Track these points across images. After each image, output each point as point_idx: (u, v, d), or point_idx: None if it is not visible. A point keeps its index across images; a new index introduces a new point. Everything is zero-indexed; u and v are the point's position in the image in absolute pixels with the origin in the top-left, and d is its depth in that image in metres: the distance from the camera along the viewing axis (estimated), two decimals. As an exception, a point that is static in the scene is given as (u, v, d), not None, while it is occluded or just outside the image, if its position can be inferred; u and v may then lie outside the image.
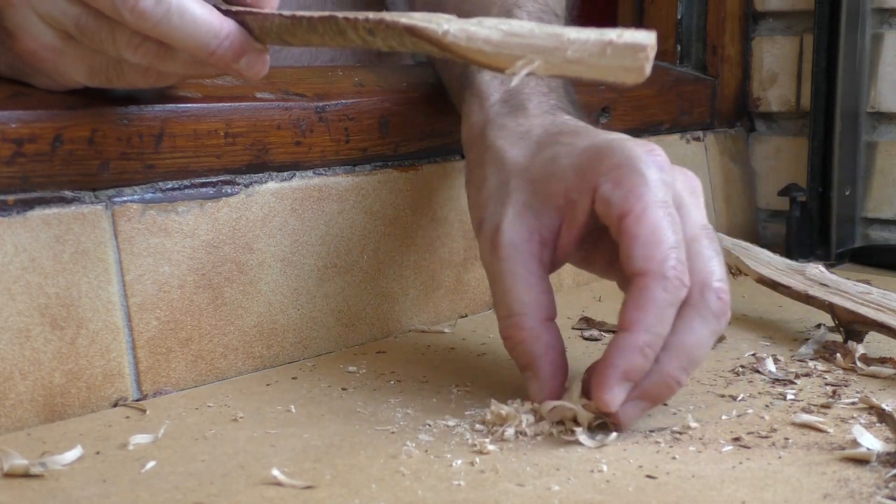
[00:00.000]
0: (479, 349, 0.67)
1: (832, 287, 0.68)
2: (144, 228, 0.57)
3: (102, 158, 0.55)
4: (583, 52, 0.44)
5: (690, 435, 0.52)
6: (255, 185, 0.63)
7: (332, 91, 0.67)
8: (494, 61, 0.45)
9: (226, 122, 0.60)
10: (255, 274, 0.62)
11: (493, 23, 0.45)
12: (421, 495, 0.44)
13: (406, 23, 0.46)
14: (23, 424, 0.52)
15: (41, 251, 0.53)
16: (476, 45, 0.45)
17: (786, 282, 0.71)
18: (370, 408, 0.56)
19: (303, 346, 0.65)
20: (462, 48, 0.45)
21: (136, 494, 0.44)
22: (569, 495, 0.45)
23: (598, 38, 0.44)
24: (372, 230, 0.69)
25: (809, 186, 0.99)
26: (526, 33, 0.45)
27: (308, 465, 0.48)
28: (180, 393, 0.58)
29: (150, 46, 0.50)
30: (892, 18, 0.99)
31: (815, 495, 0.45)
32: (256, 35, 0.51)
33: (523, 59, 0.44)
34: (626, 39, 0.44)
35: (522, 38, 0.44)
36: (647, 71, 0.44)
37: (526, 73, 0.44)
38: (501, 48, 0.45)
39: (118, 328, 0.56)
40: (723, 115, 1.05)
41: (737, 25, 1.05)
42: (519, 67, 0.44)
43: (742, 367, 0.63)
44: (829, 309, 0.67)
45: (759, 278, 0.73)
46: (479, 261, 0.59)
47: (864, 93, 0.99)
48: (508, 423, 0.52)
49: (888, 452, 0.48)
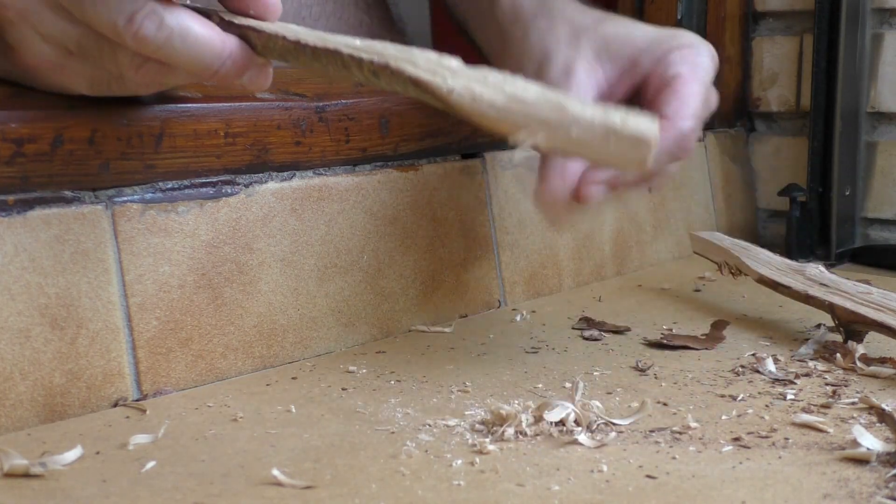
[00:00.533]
0: (479, 349, 0.67)
1: (832, 287, 0.68)
2: (144, 228, 0.57)
3: (102, 158, 0.55)
4: (586, 134, 0.43)
5: (690, 435, 0.52)
6: (255, 185, 0.63)
7: (332, 91, 0.67)
8: (498, 125, 0.44)
9: (226, 122, 0.60)
10: (255, 274, 0.62)
11: (498, 82, 0.45)
12: (421, 495, 0.44)
13: (411, 73, 0.45)
14: (23, 424, 0.52)
15: (41, 251, 0.53)
16: (480, 107, 0.44)
17: (786, 282, 0.71)
18: (370, 408, 0.56)
19: (303, 346, 0.65)
20: (466, 109, 0.45)
21: (136, 494, 0.44)
22: (569, 495, 0.45)
23: (602, 122, 0.43)
24: (372, 230, 0.69)
25: (809, 186, 0.99)
26: (531, 100, 0.44)
27: (308, 465, 0.48)
28: (180, 393, 0.58)
29: (151, 66, 0.50)
30: (892, 18, 0.99)
31: (815, 495, 0.45)
32: (259, 50, 0.50)
33: (526, 129, 0.44)
34: (630, 130, 0.43)
35: (526, 105, 0.44)
36: (649, 164, 0.44)
37: (529, 145, 0.44)
38: (505, 114, 0.44)
39: (118, 328, 0.56)
40: (723, 115, 1.05)
41: (737, 25, 1.05)
42: (522, 138, 0.44)
43: (742, 367, 0.63)
44: (829, 309, 0.67)
45: (759, 278, 0.73)
46: (479, 261, 0.59)
47: (864, 93, 0.99)
48: (508, 423, 0.52)
49: (888, 452, 0.48)
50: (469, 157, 0.77)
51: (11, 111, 0.52)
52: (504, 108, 0.44)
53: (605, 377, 0.61)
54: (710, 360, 0.65)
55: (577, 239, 0.86)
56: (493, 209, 0.78)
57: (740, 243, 0.79)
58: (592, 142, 0.44)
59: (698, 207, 1.00)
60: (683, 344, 0.68)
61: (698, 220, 1.00)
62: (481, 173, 0.78)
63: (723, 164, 1.04)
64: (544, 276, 0.83)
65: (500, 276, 0.79)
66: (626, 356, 0.66)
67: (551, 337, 0.70)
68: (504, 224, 0.79)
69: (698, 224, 0.99)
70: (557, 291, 0.84)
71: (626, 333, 0.71)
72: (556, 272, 0.84)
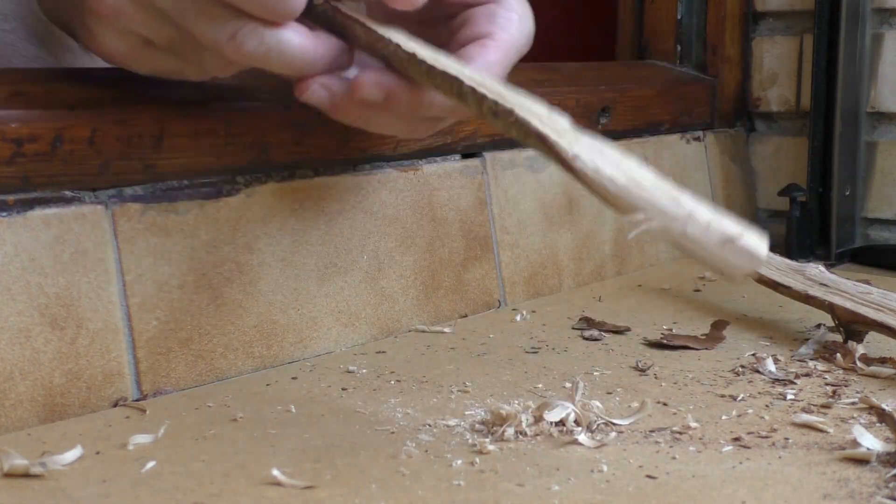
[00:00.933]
0: (479, 349, 0.67)
1: (832, 287, 0.68)
2: (144, 228, 0.57)
3: (102, 158, 0.55)
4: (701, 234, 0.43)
5: (690, 435, 0.52)
6: (255, 185, 0.63)
7: (332, 91, 0.67)
8: (615, 202, 0.44)
9: (226, 122, 0.60)
10: (255, 274, 0.62)
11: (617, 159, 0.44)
12: (421, 495, 0.44)
13: (537, 129, 0.45)
14: (23, 424, 0.52)
15: (41, 251, 0.53)
16: (600, 180, 0.44)
17: (786, 282, 0.71)
18: (370, 408, 0.56)
19: (303, 346, 0.65)
20: (587, 178, 0.44)
21: (136, 494, 0.44)
22: (569, 495, 0.45)
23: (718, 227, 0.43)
24: (372, 230, 0.69)
25: (809, 186, 0.99)
26: (649, 186, 0.43)
27: (308, 465, 0.48)
28: (180, 393, 0.58)
29: (236, 67, 0.51)
30: (892, 18, 0.99)
31: (815, 495, 0.45)
32: (363, 44, 0.50)
33: (643, 214, 0.43)
34: (746, 244, 0.42)
35: (645, 191, 0.43)
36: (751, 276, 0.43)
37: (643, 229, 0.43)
38: (624, 193, 0.43)
39: (118, 328, 0.56)
40: (723, 115, 1.05)
41: (737, 25, 1.05)
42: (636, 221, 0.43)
43: (742, 367, 0.63)
44: (829, 309, 0.67)
45: (759, 278, 0.73)
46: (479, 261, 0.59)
47: (864, 93, 0.99)
48: (508, 423, 0.52)
49: (888, 452, 0.48)
50: (469, 157, 0.77)
51: (11, 111, 0.52)
52: (623, 187, 0.43)
53: (605, 377, 0.61)
54: (710, 360, 0.65)
55: (577, 239, 0.86)
56: (493, 209, 0.78)
57: None
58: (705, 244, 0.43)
59: (698, 207, 1.00)
60: (683, 344, 0.68)
61: (698, 220, 0.99)
62: (481, 173, 0.78)
63: (723, 164, 1.04)
64: (544, 276, 0.83)
65: (500, 276, 0.79)
66: (626, 356, 0.66)
67: (551, 337, 0.70)
68: (504, 224, 0.79)
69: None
70: (557, 291, 0.84)
71: (626, 333, 0.71)
72: (556, 272, 0.84)
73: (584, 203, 0.86)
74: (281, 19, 0.49)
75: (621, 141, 0.90)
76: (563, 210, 0.84)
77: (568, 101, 0.84)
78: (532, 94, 0.47)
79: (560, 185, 0.84)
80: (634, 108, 0.93)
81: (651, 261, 0.94)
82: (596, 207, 0.87)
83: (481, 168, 0.78)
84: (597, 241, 0.88)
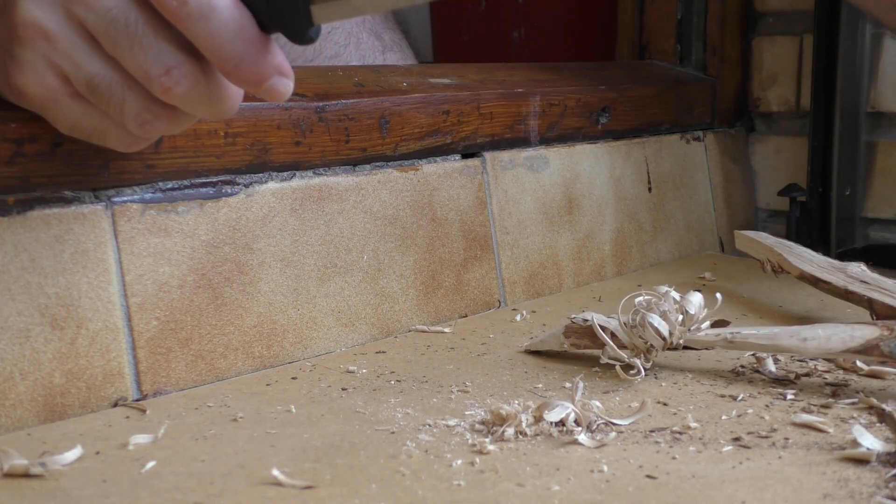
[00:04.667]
0: (479, 349, 0.67)
1: (872, 284, 0.70)
2: (144, 228, 0.57)
3: (102, 158, 0.55)
4: None
5: (690, 435, 0.52)
6: (255, 185, 0.63)
7: (331, 91, 0.67)
8: None
9: (226, 122, 0.60)
10: (255, 274, 0.62)
11: None
12: (421, 495, 0.44)
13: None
14: (23, 424, 0.52)
15: (41, 251, 0.53)
16: None
17: (826, 278, 0.72)
18: (370, 408, 0.56)
19: (303, 346, 0.65)
20: None
21: (136, 494, 0.44)
22: (569, 495, 0.45)
23: None
24: (372, 230, 0.69)
25: (809, 186, 0.99)
26: None
27: (308, 465, 0.48)
28: (180, 393, 0.58)
29: (156, 126, 0.48)
30: (892, 18, 0.99)
31: (815, 495, 0.45)
32: None
33: None
34: None
35: None
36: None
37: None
38: None
39: (118, 328, 0.56)
40: (723, 114, 1.05)
41: (737, 25, 1.05)
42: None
43: (742, 367, 0.63)
44: (868, 305, 0.68)
45: (800, 275, 0.75)
46: (479, 261, 0.58)
47: (864, 93, 0.99)
48: (508, 423, 0.52)
49: (888, 452, 0.48)
50: (469, 157, 0.77)
51: (11, 111, 0.52)
52: None
53: (605, 377, 0.61)
54: (710, 360, 0.65)
55: (577, 239, 0.86)
56: (493, 209, 0.78)
57: (784, 242, 0.80)
58: None
59: (698, 207, 1.00)
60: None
61: (698, 220, 1.00)
62: (481, 173, 0.78)
63: (723, 164, 1.04)
64: (544, 276, 0.83)
65: (500, 276, 0.79)
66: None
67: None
68: (504, 224, 0.79)
69: (698, 224, 0.99)
70: (557, 291, 0.84)
71: (626, 333, 0.71)
72: (556, 272, 0.84)
73: (584, 203, 0.86)
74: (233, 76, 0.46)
75: (621, 141, 0.91)
76: (563, 210, 0.84)
77: (568, 101, 0.84)
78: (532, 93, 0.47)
79: (560, 185, 0.84)
80: (634, 108, 0.93)
81: (651, 261, 0.94)
82: (596, 207, 0.87)
83: (481, 168, 0.78)
84: (597, 241, 0.88)
